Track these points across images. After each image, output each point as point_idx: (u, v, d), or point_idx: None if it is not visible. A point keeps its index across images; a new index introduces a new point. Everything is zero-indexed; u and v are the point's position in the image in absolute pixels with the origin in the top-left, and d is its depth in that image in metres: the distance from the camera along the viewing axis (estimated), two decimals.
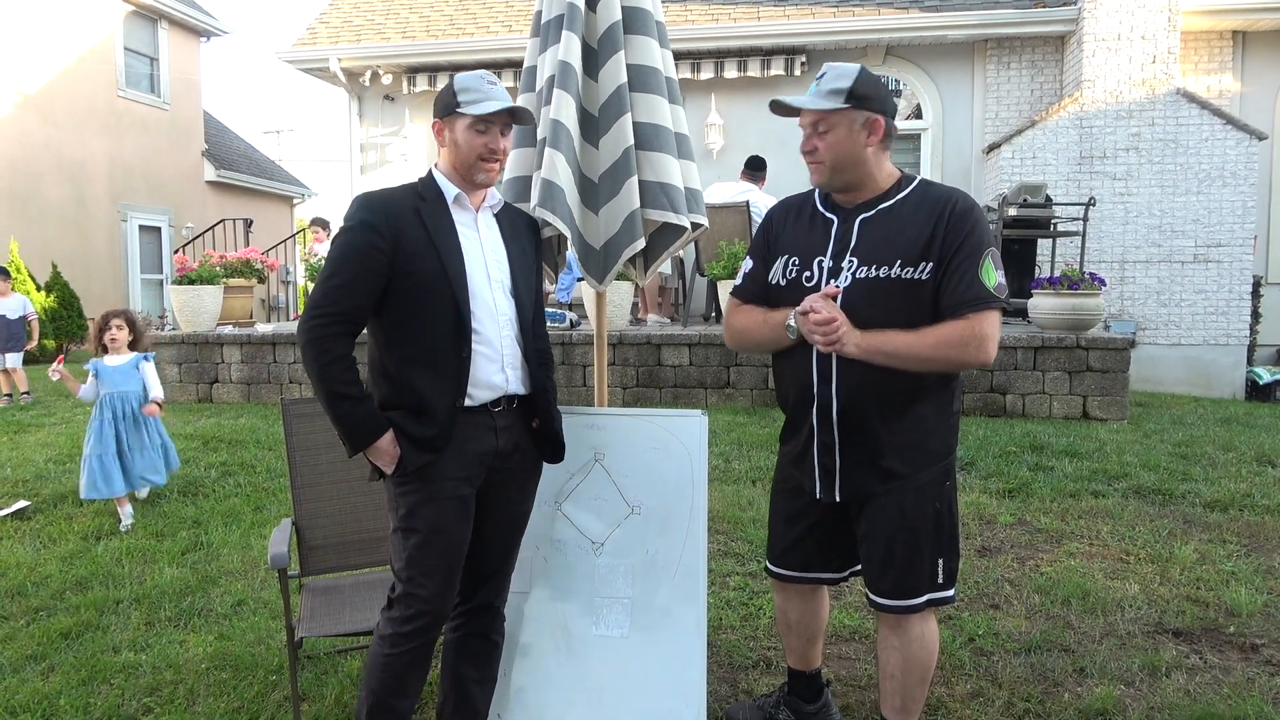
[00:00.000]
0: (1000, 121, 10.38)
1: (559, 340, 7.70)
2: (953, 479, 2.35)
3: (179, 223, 17.36)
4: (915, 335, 2.16)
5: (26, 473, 5.66)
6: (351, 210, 2.20)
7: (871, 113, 2.22)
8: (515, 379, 2.30)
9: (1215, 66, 10.14)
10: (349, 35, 11.46)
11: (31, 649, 3.25)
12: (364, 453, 2.17)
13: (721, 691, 2.93)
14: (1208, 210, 9.42)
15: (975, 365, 2.22)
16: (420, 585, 2.19)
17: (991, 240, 2.22)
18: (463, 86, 2.23)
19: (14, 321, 8.93)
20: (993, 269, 2.18)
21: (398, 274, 2.16)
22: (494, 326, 2.25)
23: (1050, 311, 7.18)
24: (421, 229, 2.19)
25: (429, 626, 2.23)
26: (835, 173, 2.27)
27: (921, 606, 2.30)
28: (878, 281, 2.21)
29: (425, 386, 2.17)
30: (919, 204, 2.25)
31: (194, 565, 4.11)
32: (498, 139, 2.25)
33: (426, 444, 2.16)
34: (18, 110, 14.56)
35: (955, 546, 2.35)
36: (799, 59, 10.42)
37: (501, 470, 2.31)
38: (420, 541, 2.19)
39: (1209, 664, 3.12)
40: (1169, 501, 4.92)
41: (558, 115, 2.76)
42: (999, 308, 2.20)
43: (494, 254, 2.31)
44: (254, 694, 2.93)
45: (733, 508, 4.78)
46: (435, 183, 2.29)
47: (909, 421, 2.25)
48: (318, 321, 2.11)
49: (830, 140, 2.24)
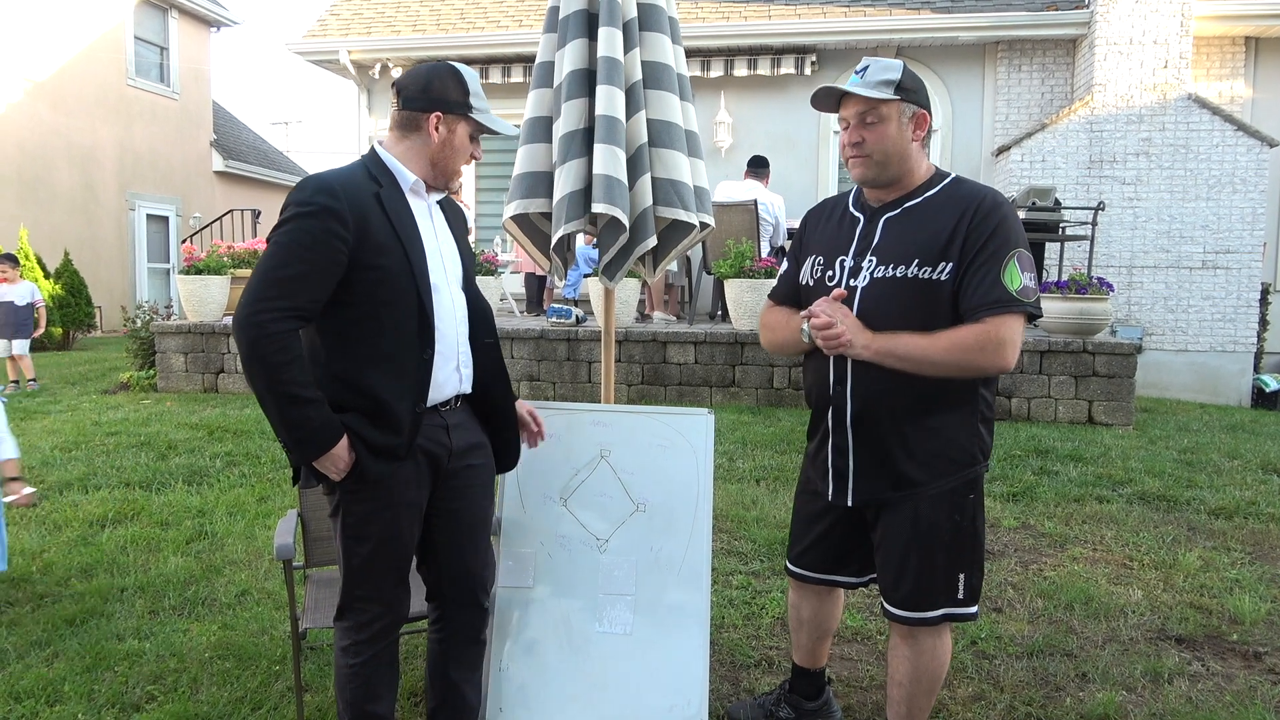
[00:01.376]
0: (1010, 124, 10.35)
1: (564, 336, 7.70)
2: (978, 492, 2.25)
3: (186, 212, 17.40)
4: (929, 338, 2.10)
5: (33, 460, 5.68)
6: (306, 193, 1.94)
7: (919, 106, 2.19)
8: (467, 377, 2.21)
9: (1227, 72, 10.10)
10: (359, 27, 11.46)
11: (36, 635, 3.27)
12: (315, 463, 1.96)
13: (723, 690, 2.93)
14: (1217, 216, 9.39)
15: (993, 372, 2.12)
16: (374, 590, 2.13)
17: (1020, 241, 2.13)
18: (475, 90, 2.13)
19: (21, 308, 8.96)
20: (1017, 271, 2.09)
21: (357, 266, 1.96)
22: (451, 324, 2.14)
23: (1057, 315, 7.17)
24: (384, 219, 2.00)
25: (386, 629, 2.18)
26: (881, 167, 2.20)
27: (936, 620, 2.24)
28: (894, 281, 2.17)
29: (384, 390, 2.00)
30: (945, 202, 2.19)
31: (198, 555, 4.12)
32: (479, 148, 2.20)
33: (388, 452, 2.01)
34: (28, 97, 14.60)
35: (979, 562, 2.27)
36: (809, 58, 10.40)
37: (461, 469, 2.22)
38: (372, 550, 2.08)
39: (1211, 671, 3.11)
40: (1173, 508, 4.91)
41: (610, 110, 2.75)
42: (1023, 312, 2.10)
43: (448, 246, 2.21)
44: (257, 684, 2.94)
45: (736, 507, 4.78)
46: (386, 166, 2.10)
47: (926, 428, 2.19)
48: (267, 316, 1.87)
49: (879, 132, 2.17)
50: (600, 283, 3.04)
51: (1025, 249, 2.13)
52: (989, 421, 2.26)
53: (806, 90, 10.54)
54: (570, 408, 2.78)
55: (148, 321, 8.82)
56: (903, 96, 2.17)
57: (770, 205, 8.39)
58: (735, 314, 7.62)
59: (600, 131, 2.76)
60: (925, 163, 2.27)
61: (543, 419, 2.52)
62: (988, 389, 2.25)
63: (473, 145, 2.16)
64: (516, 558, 2.65)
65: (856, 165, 2.23)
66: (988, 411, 2.24)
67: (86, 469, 5.47)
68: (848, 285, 2.24)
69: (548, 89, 2.99)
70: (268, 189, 19.94)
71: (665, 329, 7.71)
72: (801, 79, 10.49)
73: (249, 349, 1.88)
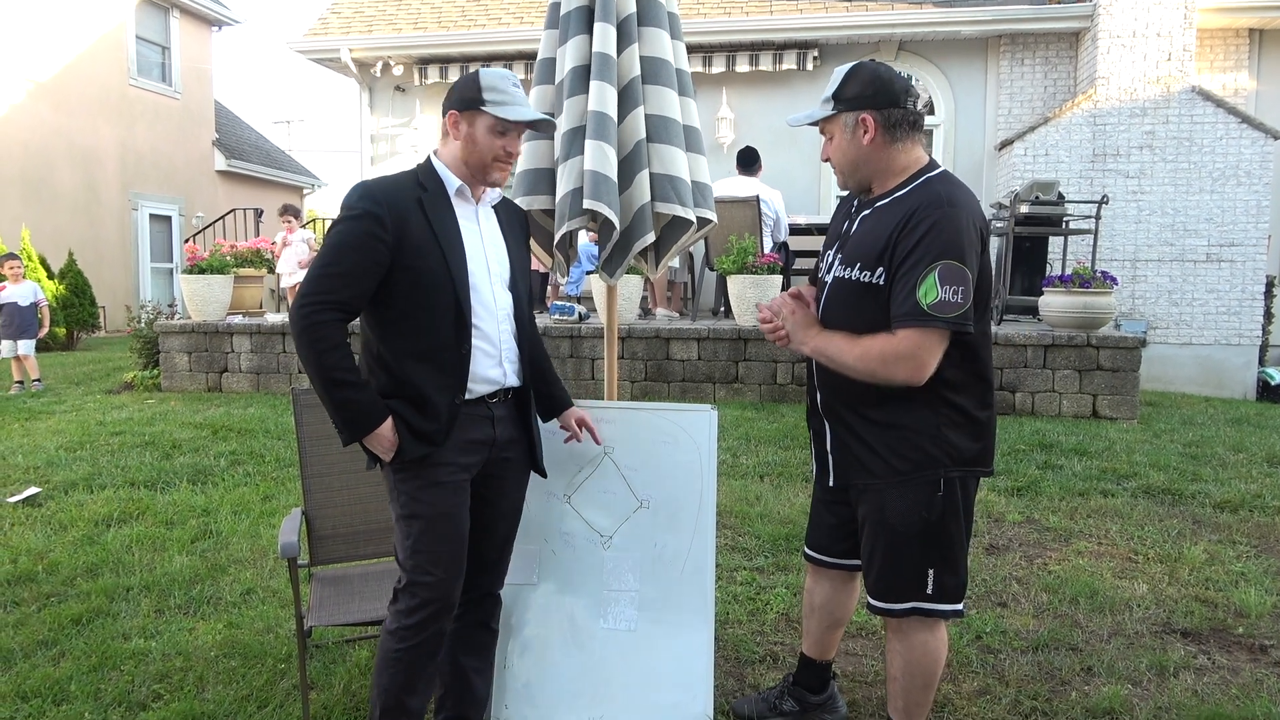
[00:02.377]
0: (1013, 118, 10.33)
1: (568, 333, 7.70)
2: (951, 490, 2.19)
3: (189, 212, 17.41)
4: (848, 343, 2.16)
5: (38, 460, 5.69)
6: (353, 198, 2.15)
7: (860, 111, 2.17)
8: (512, 372, 2.31)
9: (1231, 64, 10.06)
10: (360, 25, 11.46)
11: (43, 634, 3.27)
12: (361, 441, 2.15)
13: (728, 686, 2.93)
14: (1221, 209, 9.36)
15: (902, 384, 2.10)
16: (426, 572, 2.18)
17: (950, 252, 2.03)
18: (489, 85, 2.18)
19: (25, 309, 8.97)
20: (935, 284, 2.02)
21: (397, 267, 2.12)
22: (493, 322, 2.25)
23: (1061, 310, 7.15)
24: (424, 221, 2.16)
25: (436, 615, 2.20)
26: (845, 176, 2.29)
27: (904, 613, 2.26)
28: (844, 283, 2.23)
29: (425, 382, 2.15)
30: (900, 204, 2.15)
31: (203, 553, 4.13)
32: (515, 143, 2.24)
33: (427, 437, 2.15)
34: (30, 98, 14.61)
35: (950, 560, 2.23)
36: (811, 53, 10.38)
37: (499, 461, 2.32)
38: (424, 527, 2.18)
39: (1217, 665, 3.11)
40: (1178, 502, 4.90)
41: (600, 107, 2.75)
42: (935, 327, 2.04)
43: (494, 247, 2.31)
44: (263, 682, 2.94)
45: (740, 502, 4.78)
46: (435, 172, 2.25)
47: (877, 423, 2.22)
48: (313, 308, 2.07)
49: (831, 147, 2.27)
50: (601, 279, 3.04)
51: (956, 260, 2.03)
52: (964, 428, 2.18)
53: (809, 85, 10.55)
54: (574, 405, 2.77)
55: (151, 321, 8.83)
56: (842, 108, 2.19)
57: (771, 201, 8.37)
58: (738, 310, 7.61)
59: (591, 128, 2.76)
60: (908, 158, 2.21)
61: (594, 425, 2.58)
62: (959, 395, 2.17)
63: (502, 139, 2.20)
64: (521, 554, 2.65)
65: (837, 178, 2.34)
66: (959, 418, 2.17)
67: (91, 469, 5.48)
68: (822, 280, 2.35)
69: (549, 85, 2.99)
70: (270, 188, 19.96)
71: (668, 325, 7.70)
72: (804, 74, 10.47)
73: (298, 338, 2.09)
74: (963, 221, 2.08)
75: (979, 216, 2.15)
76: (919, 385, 2.10)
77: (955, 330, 2.08)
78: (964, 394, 2.19)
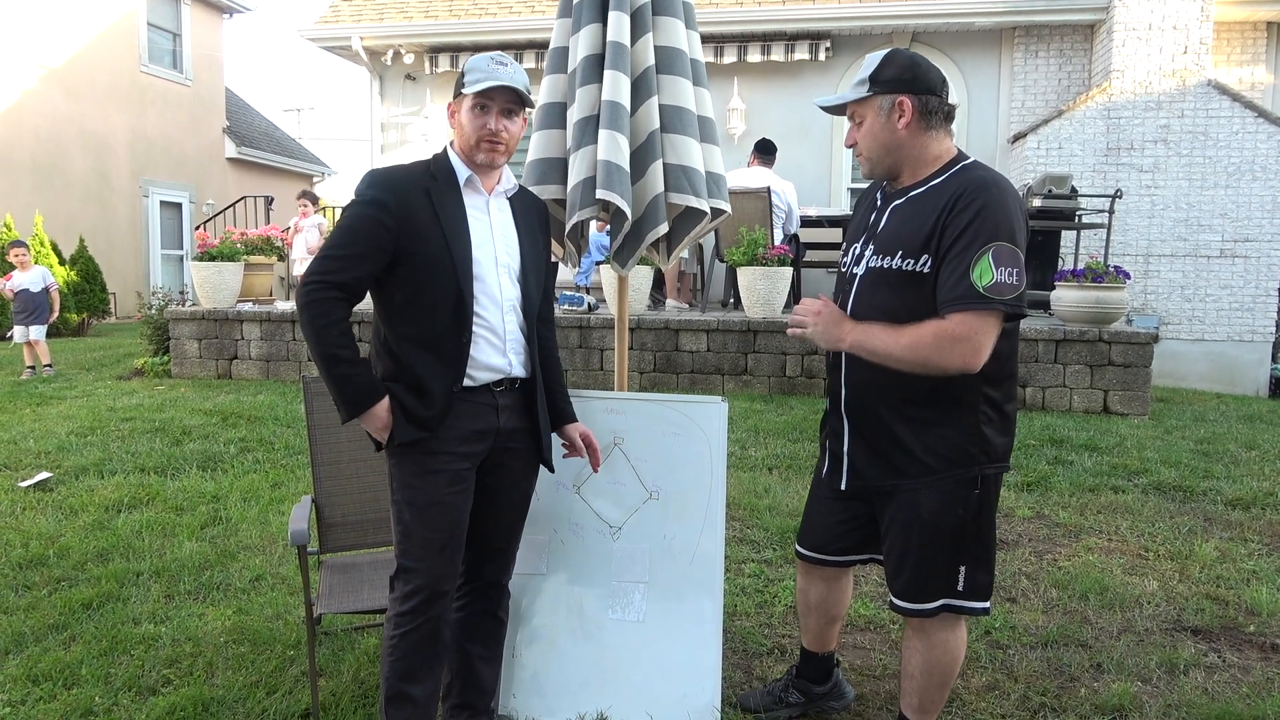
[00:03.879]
0: (1026, 111, 10.25)
1: (577, 324, 7.69)
2: (987, 487, 2.18)
3: (200, 199, 17.45)
4: (894, 334, 2.08)
5: (49, 445, 5.72)
6: (362, 185, 2.20)
7: (898, 94, 2.14)
8: (519, 363, 2.29)
9: (1248, 58, 9.96)
10: (371, 13, 11.43)
11: (54, 619, 3.29)
12: (359, 419, 2.17)
13: (736, 678, 2.93)
14: (1236, 204, 9.29)
15: (955, 371, 2.04)
16: (417, 559, 2.19)
17: (1002, 234, 2.01)
18: (471, 67, 2.20)
19: (36, 294, 9.01)
20: (990, 265, 1.98)
21: (401, 253, 2.15)
22: (497, 312, 2.24)
23: (1073, 304, 7.11)
24: (430, 210, 2.18)
25: (428, 602, 2.20)
26: (873, 162, 2.23)
27: (934, 612, 2.22)
28: (882, 272, 2.17)
29: (424, 368, 2.17)
30: (939, 191, 2.12)
31: (213, 540, 4.14)
32: (497, 120, 2.19)
33: (419, 422, 2.17)
34: (42, 84, 14.65)
35: (985, 558, 2.23)
36: (823, 44, 10.32)
37: (506, 449, 2.31)
38: (416, 514, 2.19)
39: (1228, 663, 3.09)
40: (1190, 498, 4.88)
41: (614, 96, 2.73)
42: (993, 310, 2.00)
43: (504, 238, 2.29)
44: (272, 668, 2.96)
45: (749, 495, 4.78)
46: (448, 162, 2.27)
47: (915, 421, 2.16)
48: (315, 286, 2.12)
49: (862, 131, 2.21)
50: (613, 270, 3.03)
51: (1008, 242, 2.00)
52: (997, 424, 2.16)
53: (821, 77, 10.49)
54: (583, 395, 2.77)
55: (162, 308, 8.86)
56: (877, 90, 2.14)
57: (783, 192, 8.34)
58: (748, 302, 7.59)
59: (605, 118, 2.75)
60: (940, 148, 2.20)
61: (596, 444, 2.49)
62: (995, 389, 2.14)
63: (483, 115, 2.19)
64: (530, 545, 2.65)
65: (860, 164, 2.29)
66: (993, 413, 2.15)
67: (102, 454, 5.51)
68: (851, 272, 2.29)
69: (562, 74, 2.97)
70: (280, 176, 19.98)
71: (677, 317, 7.69)
72: (816, 65, 10.40)
73: (300, 313, 2.14)
74: (1011, 204, 2.06)
75: (1021, 202, 2.13)
76: (973, 372, 2.04)
77: (1010, 313, 2.04)
78: (998, 389, 2.16)
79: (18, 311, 8.94)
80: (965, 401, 2.14)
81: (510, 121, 2.22)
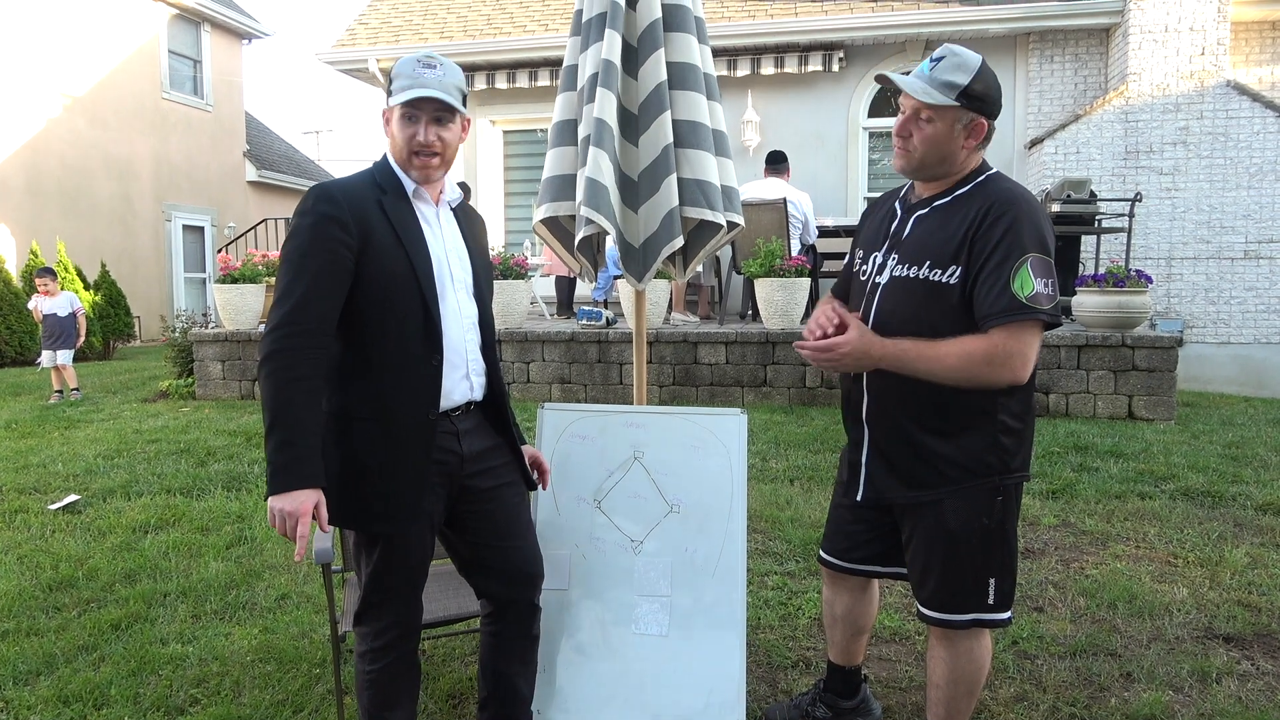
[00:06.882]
0: (1043, 116, 10.21)
1: (595, 338, 7.71)
2: (1010, 496, 2.17)
3: (221, 222, 17.69)
4: (938, 349, 2.04)
5: (77, 468, 5.79)
6: (307, 202, 1.95)
7: (979, 115, 2.10)
8: (479, 385, 2.17)
9: (1267, 58, 9.87)
10: (387, 36, 11.57)
11: (83, 640, 3.33)
12: (273, 498, 1.85)
13: (760, 691, 2.91)
14: (1259, 205, 9.19)
15: (1005, 385, 2.04)
16: (383, 600, 2.12)
17: (1035, 244, 2.01)
18: (396, 72, 2.00)
19: (64, 319, 9.14)
20: (1030, 276, 1.99)
21: (363, 273, 1.95)
22: (459, 331, 2.09)
23: (1095, 309, 7.05)
24: (387, 224, 1.98)
25: (400, 638, 2.16)
26: (920, 164, 2.16)
27: (965, 624, 2.21)
28: (908, 282, 2.15)
29: (392, 396, 2.00)
30: (966, 202, 2.12)
31: (238, 559, 4.18)
32: (427, 129, 2.00)
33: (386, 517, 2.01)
34: (66, 112, 14.92)
35: (1009, 566, 2.21)
36: (837, 54, 10.33)
37: (482, 473, 2.19)
38: (379, 557, 2.08)
39: (1261, 670, 3.04)
40: (1219, 504, 4.81)
41: (601, 114, 2.76)
42: (1036, 320, 2.00)
43: (456, 252, 2.14)
44: (298, 687, 2.97)
45: (770, 507, 4.76)
46: (393, 173, 2.07)
47: (938, 432, 2.14)
48: (283, 332, 1.88)
49: (928, 133, 2.11)
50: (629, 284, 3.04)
51: (1041, 253, 2.01)
52: (1016, 433, 2.14)
53: (834, 87, 10.50)
54: (603, 409, 2.78)
55: (186, 330, 8.96)
56: (964, 104, 2.08)
57: (799, 203, 8.34)
58: (766, 313, 7.58)
59: (592, 135, 2.76)
60: (973, 160, 2.18)
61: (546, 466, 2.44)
62: (1013, 400, 2.13)
63: (412, 125, 2.00)
64: (552, 560, 2.65)
65: (898, 155, 2.19)
66: (1013, 423, 2.14)
67: (129, 476, 5.57)
68: (872, 282, 2.25)
69: (573, 92, 3.00)
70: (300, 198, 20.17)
71: (696, 330, 7.69)
72: (829, 76, 10.42)
73: (260, 364, 1.91)
74: (1040, 216, 2.07)
75: (1046, 213, 2.14)
76: (1021, 384, 2.05)
77: (1049, 323, 2.04)
78: (1017, 398, 2.15)
79: (46, 336, 9.08)
80: (983, 413, 2.13)
81: (444, 128, 2.03)
